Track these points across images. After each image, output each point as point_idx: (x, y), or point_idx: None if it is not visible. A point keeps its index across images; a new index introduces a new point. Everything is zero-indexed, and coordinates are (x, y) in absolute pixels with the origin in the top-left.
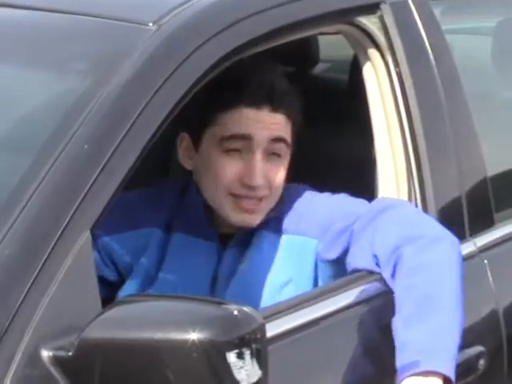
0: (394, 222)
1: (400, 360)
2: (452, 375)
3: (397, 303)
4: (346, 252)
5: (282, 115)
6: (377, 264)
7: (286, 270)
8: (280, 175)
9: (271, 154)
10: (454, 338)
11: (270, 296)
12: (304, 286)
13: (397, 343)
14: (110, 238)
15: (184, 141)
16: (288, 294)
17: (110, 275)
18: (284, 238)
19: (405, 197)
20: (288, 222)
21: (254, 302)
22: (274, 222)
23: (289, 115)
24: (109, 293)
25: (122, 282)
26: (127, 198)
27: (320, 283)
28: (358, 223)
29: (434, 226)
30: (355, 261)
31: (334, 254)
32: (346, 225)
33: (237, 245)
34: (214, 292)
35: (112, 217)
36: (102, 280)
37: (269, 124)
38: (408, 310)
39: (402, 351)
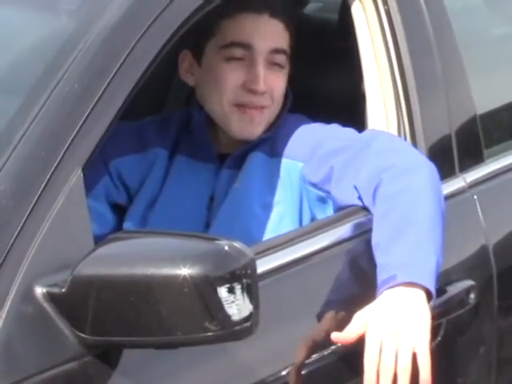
0: (377, 152)
1: (379, 278)
2: (432, 288)
3: (375, 228)
4: (326, 180)
5: (281, 22)
6: (359, 197)
7: (274, 192)
8: (281, 85)
9: (272, 64)
10: (433, 254)
11: (259, 217)
12: (290, 207)
13: (377, 266)
14: (122, 160)
15: (186, 57)
16: (277, 214)
17: (120, 198)
18: (275, 160)
19: (394, 133)
20: (280, 145)
21: (244, 221)
22: (267, 145)
23: (287, 23)
24: (119, 219)
25: (130, 205)
26: (139, 124)
27: (305, 206)
28: (344, 154)
29: (414, 154)
30: (341, 195)
31: (315, 178)
32: (334, 147)
33: (232, 166)
34: (210, 212)
35: (124, 141)
36: (113, 205)
37: (268, 32)
38: (386, 233)
39: (381, 270)
